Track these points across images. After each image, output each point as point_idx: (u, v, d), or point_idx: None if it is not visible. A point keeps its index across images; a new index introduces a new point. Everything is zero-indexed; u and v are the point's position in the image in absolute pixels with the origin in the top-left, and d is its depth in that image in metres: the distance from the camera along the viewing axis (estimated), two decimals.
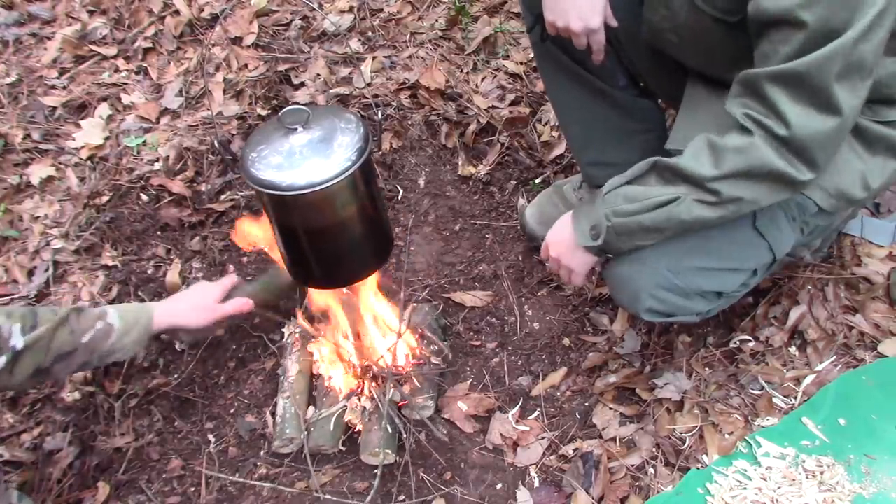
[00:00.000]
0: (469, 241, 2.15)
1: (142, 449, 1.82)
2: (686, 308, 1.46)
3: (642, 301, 1.43)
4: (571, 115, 1.82)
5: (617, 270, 1.46)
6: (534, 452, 1.71)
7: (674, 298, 1.43)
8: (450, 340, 1.93)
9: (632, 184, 1.35)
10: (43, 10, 2.63)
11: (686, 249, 1.39)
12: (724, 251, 1.42)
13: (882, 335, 1.70)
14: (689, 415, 1.66)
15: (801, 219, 1.43)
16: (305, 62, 2.43)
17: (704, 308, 1.49)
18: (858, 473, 1.50)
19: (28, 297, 1.99)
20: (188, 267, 2.11)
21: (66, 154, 2.26)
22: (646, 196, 1.30)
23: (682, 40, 1.42)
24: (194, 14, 2.56)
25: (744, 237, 1.42)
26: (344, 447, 1.76)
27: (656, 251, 1.39)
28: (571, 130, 1.87)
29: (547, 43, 1.64)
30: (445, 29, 2.51)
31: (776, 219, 1.41)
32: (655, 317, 1.48)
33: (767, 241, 1.42)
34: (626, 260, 1.43)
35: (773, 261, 1.48)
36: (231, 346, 2.00)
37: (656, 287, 1.41)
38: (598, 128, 1.78)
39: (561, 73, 1.70)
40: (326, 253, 1.41)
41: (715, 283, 1.45)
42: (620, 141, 1.77)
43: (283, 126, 1.27)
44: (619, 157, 1.80)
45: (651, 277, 1.41)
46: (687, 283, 1.41)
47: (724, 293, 1.48)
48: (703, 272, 1.42)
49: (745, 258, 1.45)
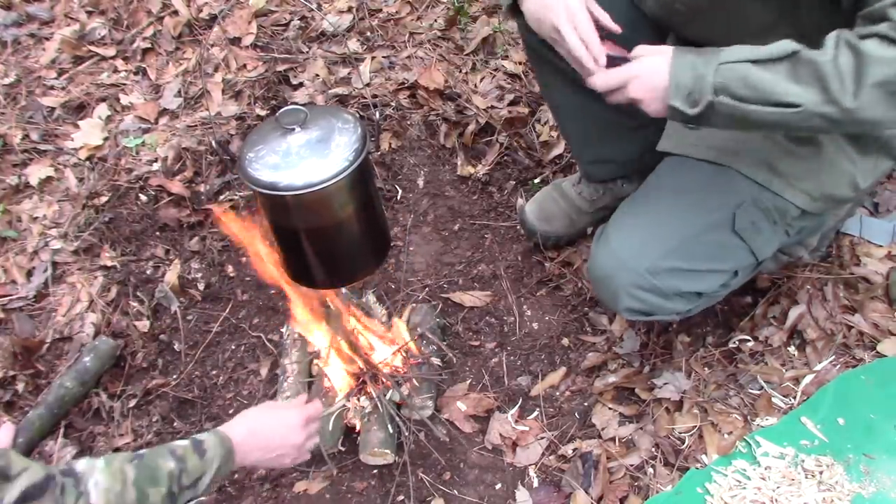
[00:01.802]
0: (468, 241, 2.15)
1: (141, 449, 1.82)
2: (665, 308, 1.48)
3: (621, 300, 1.45)
4: (567, 115, 1.82)
5: (598, 270, 1.48)
6: (533, 452, 1.71)
7: (653, 298, 1.44)
8: (449, 340, 1.93)
9: (757, 65, 1.16)
10: (41, 10, 2.63)
11: (665, 251, 1.41)
12: (703, 253, 1.43)
13: (881, 335, 1.70)
14: (688, 414, 1.66)
15: (783, 222, 1.43)
16: (304, 62, 2.43)
17: (684, 307, 1.51)
18: (857, 473, 1.50)
19: (27, 298, 1.99)
20: (187, 267, 2.11)
21: (65, 154, 2.26)
22: (769, 90, 1.14)
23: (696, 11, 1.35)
24: (193, 14, 2.56)
25: (723, 239, 1.42)
26: (343, 447, 1.76)
27: (637, 252, 1.41)
28: (568, 130, 1.88)
29: (539, 45, 1.64)
30: (444, 29, 2.51)
31: (756, 222, 1.41)
32: (635, 315, 1.50)
33: (747, 243, 1.43)
34: (606, 259, 1.45)
35: (756, 262, 1.48)
36: (230, 346, 2.00)
37: (635, 287, 1.42)
38: (594, 126, 1.78)
39: (554, 74, 1.70)
40: (324, 253, 1.41)
41: (693, 285, 1.46)
42: (618, 138, 1.77)
43: (281, 126, 1.27)
44: (617, 153, 1.81)
45: (630, 278, 1.42)
46: (665, 284, 1.42)
47: (704, 293, 1.49)
48: (681, 273, 1.43)
49: (725, 260, 1.46)
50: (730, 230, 1.41)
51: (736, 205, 1.40)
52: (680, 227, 1.42)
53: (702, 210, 1.42)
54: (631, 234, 1.46)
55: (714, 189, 1.43)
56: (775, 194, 1.40)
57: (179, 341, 1.98)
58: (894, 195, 1.94)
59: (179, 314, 2.02)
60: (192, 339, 2.00)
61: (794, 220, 1.44)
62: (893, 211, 1.92)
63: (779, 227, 1.43)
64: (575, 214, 1.98)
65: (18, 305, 1.99)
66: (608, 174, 1.90)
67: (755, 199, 1.40)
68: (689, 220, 1.42)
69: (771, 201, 1.40)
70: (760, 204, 1.40)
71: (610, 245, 1.47)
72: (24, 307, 1.99)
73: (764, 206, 1.40)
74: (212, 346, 1.99)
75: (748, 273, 1.53)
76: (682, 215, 1.43)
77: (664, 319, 1.60)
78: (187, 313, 2.04)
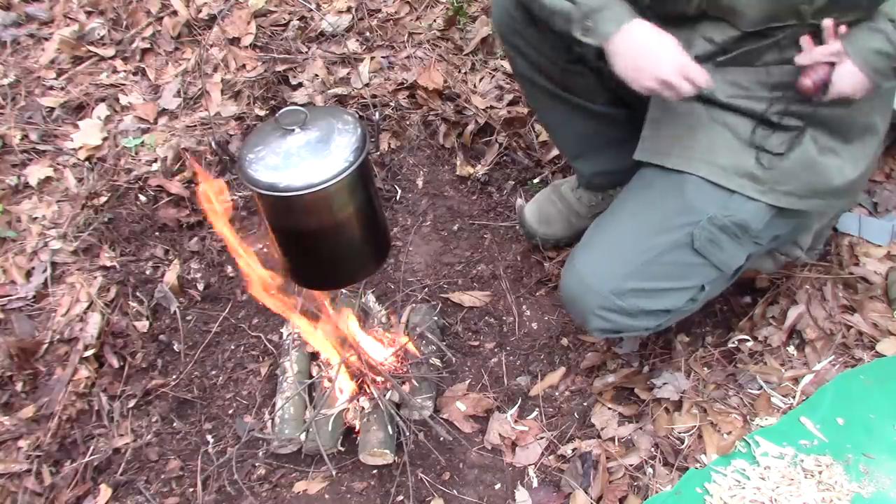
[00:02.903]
0: (467, 241, 2.15)
1: (140, 450, 1.82)
2: (632, 326, 1.50)
3: (590, 321, 1.48)
4: (561, 132, 1.85)
5: (566, 292, 1.52)
6: (532, 452, 1.72)
7: (619, 318, 1.46)
8: (448, 340, 1.93)
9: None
10: (40, 10, 2.63)
11: (627, 273, 1.43)
12: (665, 273, 1.44)
13: (880, 334, 1.71)
14: (687, 414, 1.66)
15: (746, 236, 1.42)
16: (303, 63, 2.43)
17: (653, 324, 1.52)
18: (857, 472, 1.50)
19: (26, 298, 1.99)
20: (187, 267, 2.10)
21: (64, 155, 2.25)
22: None
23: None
24: (192, 15, 2.55)
25: (684, 258, 1.43)
26: (342, 447, 1.76)
27: (600, 275, 1.44)
28: (563, 145, 1.90)
29: (527, 69, 1.66)
30: (443, 29, 2.51)
31: (716, 240, 1.41)
32: (605, 334, 1.54)
33: (709, 260, 1.43)
34: (573, 282, 1.49)
35: (726, 274, 1.48)
36: (229, 346, 2.00)
37: (601, 309, 1.45)
38: (589, 141, 1.80)
39: (543, 96, 1.72)
40: (324, 254, 1.40)
41: (658, 303, 1.47)
42: (615, 149, 1.78)
43: (281, 127, 1.27)
44: (617, 164, 1.82)
45: (596, 300, 1.44)
46: (630, 305, 1.44)
47: (671, 310, 1.50)
48: (645, 293, 1.45)
49: (688, 278, 1.47)
50: (690, 249, 1.41)
51: (693, 223, 1.40)
52: (641, 249, 1.43)
53: (662, 230, 1.43)
54: (594, 257, 1.49)
55: (674, 207, 1.42)
56: (749, 198, 1.38)
57: (179, 341, 1.98)
58: (893, 195, 1.95)
59: (179, 314, 2.02)
60: (192, 340, 2.00)
61: (761, 231, 1.42)
62: (892, 210, 1.92)
63: (742, 241, 1.42)
64: (574, 218, 1.99)
65: (18, 306, 1.98)
66: (607, 183, 1.91)
67: (712, 217, 1.39)
68: (650, 240, 1.43)
69: (730, 217, 1.39)
70: (717, 221, 1.39)
71: (575, 268, 1.49)
72: (24, 307, 1.98)
73: (721, 223, 1.39)
74: (211, 346, 1.99)
75: (722, 284, 1.53)
76: (643, 236, 1.44)
77: (633, 335, 1.61)
78: (187, 313, 2.04)
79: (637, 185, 1.52)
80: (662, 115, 1.47)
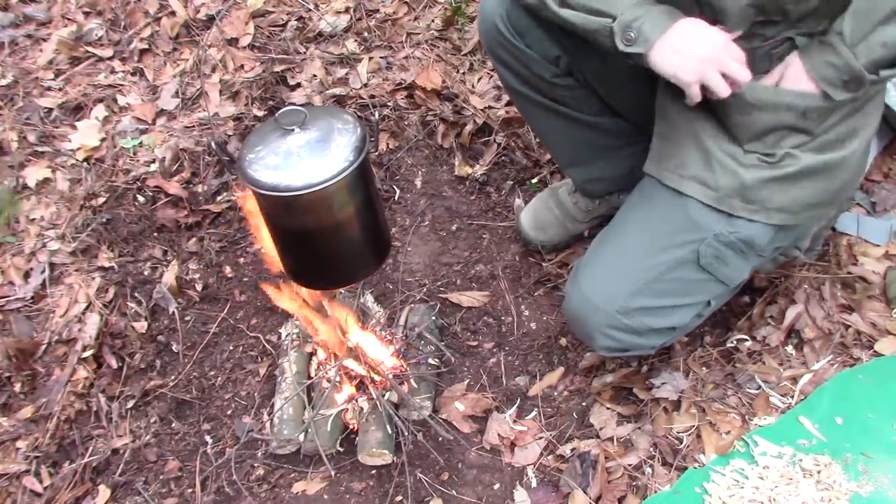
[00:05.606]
0: (466, 241, 2.15)
1: (139, 450, 1.82)
2: (640, 344, 1.50)
3: (597, 340, 1.48)
4: (554, 141, 1.84)
5: (571, 312, 1.52)
6: (531, 452, 1.72)
7: (627, 337, 1.46)
8: (447, 341, 1.93)
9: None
10: (38, 11, 2.63)
11: (633, 291, 1.42)
12: (671, 290, 1.44)
13: (879, 334, 1.71)
14: (686, 414, 1.66)
15: (751, 252, 1.42)
16: (302, 63, 2.43)
17: (659, 342, 1.52)
18: (855, 472, 1.51)
19: (24, 299, 1.99)
20: (185, 268, 2.10)
21: (63, 156, 2.25)
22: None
23: None
24: (190, 15, 2.55)
25: (690, 275, 1.42)
26: (341, 448, 1.76)
27: (606, 294, 1.43)
28: (557, 154, 1.89)
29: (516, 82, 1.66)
30: (441, 29, 2.51)
31: (722, 256, 1.41)
32: (612, 352, 1.53)
33: (715, 276, 1.43)
34: (578, 302, 1.48)
35: (730, 288, 1.48)
36: (228, 347, 1.99)
37: (608, 328, 1.45)
38: (582, 150, 1.80)
39: (533, 107, 1.71)
40: (324, 254, 1.40)
41: (665, 321, 1.47)
42: (607, 157, 1.79)
43: (280, 127, 1.27)
44: (610, 171, 1.82)
45: (602, 319, 1.44)
46: (637, 323, 1.44)
47: (677, 327, 1.50)
48: (651, 311, 1.45)
49: (695, 294, 1.47)
50: (696, 266, 1.41)
51: (699, 240, 1.39)
52: (646, 266, 1.43)
53: (667, 247, 1.42)
54: (600, 276, 1.48)
55: (678, 224, 1.41)
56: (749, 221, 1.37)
57: (177, 342, 1.98)
58: (891, 194, 1.95)
59: (177, 315, 2.02)
60: (190, 340, 2.00)
61: (766, 245, 1.42)
62: (890, 210, 1.92)
63: (748, 256, 1.42)
64: (570, 223, 1.99)
65: (16, 306, 1.98)
66: (603, 190, 1.91)
67: (718, 234, 1.38)
68: (655, 257, 1.42)
69: (736, 234, 1.38)
70: (723, 238, 1.38)
71: (580, 287, 1.48)
72: (22, 308, 1.98)
73: (727, 240, 1.38)
74: (210, 346, 1.99)
75: (725, 297, 1.54)
76: (648, 253, 1.43)
77: (640, 354, 1.61)
78: (185, 314, 2.04)
79: (639, 198, 1.51)
80: (668, 130, 1.46)
